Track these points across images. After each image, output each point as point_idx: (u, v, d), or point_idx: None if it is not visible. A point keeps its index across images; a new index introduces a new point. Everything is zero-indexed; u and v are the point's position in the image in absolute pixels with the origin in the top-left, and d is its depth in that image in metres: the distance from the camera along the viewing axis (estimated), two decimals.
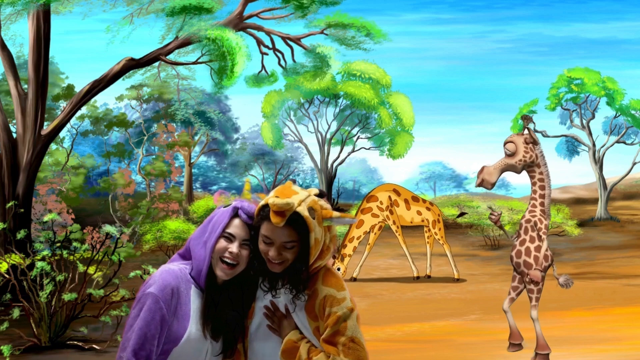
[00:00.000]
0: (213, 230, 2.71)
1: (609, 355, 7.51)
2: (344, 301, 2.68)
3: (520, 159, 6.50)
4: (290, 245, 2.64)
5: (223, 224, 2.71)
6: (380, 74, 22.22)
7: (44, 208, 17.26)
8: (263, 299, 2.79)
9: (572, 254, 16.87)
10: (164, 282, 2.62)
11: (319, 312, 2.69)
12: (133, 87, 22.87)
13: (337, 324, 2.65)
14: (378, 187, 15.15)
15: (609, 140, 23.77)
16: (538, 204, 6.60)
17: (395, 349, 8.25)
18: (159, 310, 2.58)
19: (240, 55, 13.26)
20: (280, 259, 2.65)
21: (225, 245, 2.69)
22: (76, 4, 14.35)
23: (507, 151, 6.54)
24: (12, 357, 7.37)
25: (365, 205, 14.41)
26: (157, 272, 2.69)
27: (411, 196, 14.71)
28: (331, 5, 14.57)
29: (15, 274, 8.17)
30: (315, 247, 2.66)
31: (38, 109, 12.64)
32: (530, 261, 6.53)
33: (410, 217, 14.46)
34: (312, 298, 2.71)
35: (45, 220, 8.50)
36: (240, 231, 2.72)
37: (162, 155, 21.66)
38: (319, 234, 2.67)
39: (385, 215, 14.26)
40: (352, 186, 31.46)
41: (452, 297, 12.30)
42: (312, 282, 2.72)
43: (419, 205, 14.57)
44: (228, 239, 2.70)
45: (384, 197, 14.34)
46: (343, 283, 2.74)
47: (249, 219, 2.73)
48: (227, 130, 27.02)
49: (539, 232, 6.54)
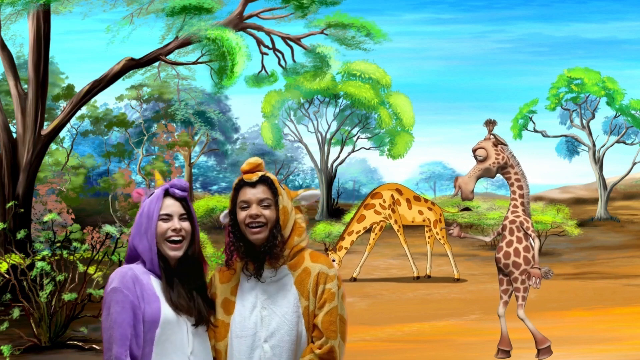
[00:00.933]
0: (149, 218, 2.76)
1: (609, 355, 7.51)
2: (335, 278, 2.79)
3: (493, 161, 6.56)
4: (266, 203, 2.76)
5: (157, 207, 2.77)
6: (380, 74, 22.22)
7: (44, 208, 17.26)
8: (245, 292, 2.80)
9: (572, 254, 16.87)
10: (121, 275, 2.68)
11: (312, 288, 2.75)
12: (133, 87, 22.86)
13: (330, 300, 2.74)
14: (383, 185, 15.20)
15: (609, 140, 23.76)
16: (519, 204, 6.61)
17: (395, 349, 8.25)
18: (126, 298, 2.63)
19: (240, 55, 13.26)
20: (259, 215, 2.73)
21: (166, 226, 2.75)
22: (76, 4, 14.35)
23: (478, 157, 6.60)
24: (12, 357, 7.37)
25: (369, 201, 14.43)
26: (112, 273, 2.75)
27: (413, 195, 14.72)
28: (331, 5, 14.57)
29: (15, 274, 8.17)
30: (284, 213, 2.77)
31: (38, 109, 12.64)
32: (520, 261, 6.53)
33: (411, 216, 14.47)
34: (303, 276, 2.77)
35: (45, 220, 8.50)
36: (175, 207, 2.80)
37: (162, 155, 21.67)
38: (287, 203, 2.79)
39: (387, 214, 14.26)
40: (352, 186, 31.44)
41: (452, 297, 12.30)
42: (299, 260, 2.80)
43: (421, 205, 14.58)
44: (165, 219, 2.77)
45: (387, 196, 14.35)
46: (329, 260, 2.86)
47: (182, 191, 2.82)
48: (227, 130, 27.02)
49: (526, 231, 6.55)
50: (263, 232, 2.74)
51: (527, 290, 6.59)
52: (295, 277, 2.77)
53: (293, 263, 2.79)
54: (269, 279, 2.78)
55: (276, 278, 2.78)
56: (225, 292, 2.84)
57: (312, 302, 2.74)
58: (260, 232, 2.74)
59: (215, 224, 18.01)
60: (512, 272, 6.57)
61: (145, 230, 2.75)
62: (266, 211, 2.75)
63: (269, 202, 2.75)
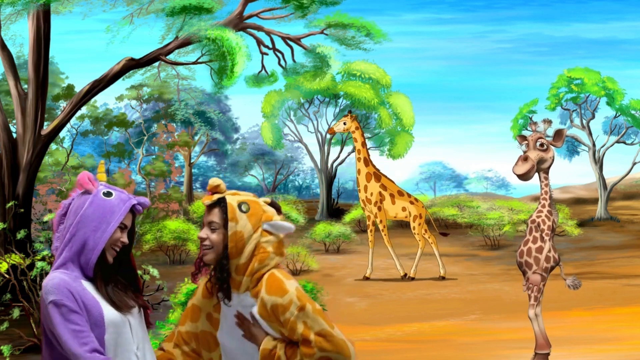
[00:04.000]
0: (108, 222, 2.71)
1: (609, 355, 7.51)
2: (292, 304, 2.67)
3: (551, 155, 6.50)
4: (213, 226, 2.71)
5: (122, 216, 2.74)
6: (380, 74, 22.21)
7: (44, 208, 17.25)
8: (226, 315, 2.80)
9: (572, 254, 16.86)
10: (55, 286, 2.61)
11: (274, 320, 2.70)
12: (133, 87, 22.86)
13: (296, 329, 2.65)
14: None
15: (609, 140, 23.76)
16: (547, 205, 6.59)
17: (395, 349, 8.25)
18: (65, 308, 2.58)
19: (240, 55, 13.26)
20: (205, 238, 2.71)
21: (119, 235, 2.75)
22: (76, 4, 14.36)
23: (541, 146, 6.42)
24: (12, 357, 7.36)
25: None
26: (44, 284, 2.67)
27: (397, 190, 14.67)
28: (331, 5, 14.58)
29: (15, 274, 8.17)
30: (234, 238, 2.68)
31: (38, 109, 12.64)
32: (531, 261, 6.51)
33: (394, 211, 14.43)
34: (261, 307, 2.71)
35: (45, 220, 8.51)
36: (130, 221, 2.83)
37: (162, 155, 21.66)
38: (243, 228, 2.70)
39: (371, 210, 14.23)
40: (352, 186, 31.45)
41: (452, 297, 12.30)
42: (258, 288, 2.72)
43: (404, 200, 14.54)
44: (122, 229, 2.77)
45: (375, 190, 14.31)
46: (284, 285, 2.70)
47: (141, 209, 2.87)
48: (227, 130, 27.01)
49: (541, 232, 6.52)
50: (210, 255, 2.72)
51: (540, 292, 6.54)
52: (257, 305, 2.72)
53: (255, 290, 2.73)
54: (236, 304, 2.75)
55: (244, 304, 2.75)
56: (208, 307, 2.85)
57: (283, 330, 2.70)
58: (206, 254, 2.73)
59: None
60: (526, 271, 6.54)
61: (96, 229, 2.68)
62: (213, 234, 2.71)
63: (216, 225, 2.71)
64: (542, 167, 6.49)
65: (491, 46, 29.76)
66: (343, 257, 14.36)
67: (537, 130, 6.58)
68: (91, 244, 2.69)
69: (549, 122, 6.65)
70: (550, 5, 29.01)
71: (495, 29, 29.58)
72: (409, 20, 29.19)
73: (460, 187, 31.64)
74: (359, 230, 18.87)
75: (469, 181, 32.00)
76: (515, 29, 29.32)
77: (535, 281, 6.42)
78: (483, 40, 29.47)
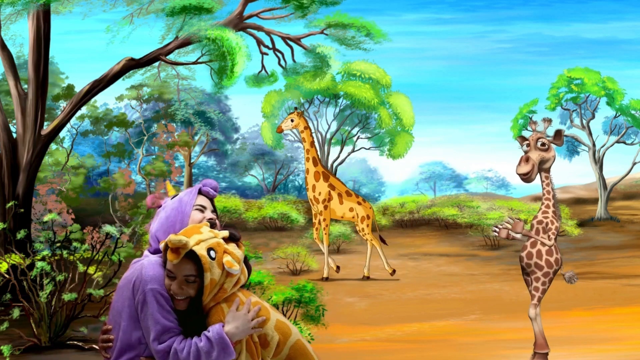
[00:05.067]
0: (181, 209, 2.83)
1: (609, 355, 7.50)
2: None
3: (553, 154, 6.50)
4: (191, 279, 2.68)
5: (192, 200, 2.84)
6: (380, 74, 22.21)
7: (44, 208, 17.25)
8: None
9: (572, 254, 16.85)
10: (158, 275, 2.70)
11: None
12: (133, 87, 22.85)
13: None
14: None
15: (609, 140, 23.75)
16: (552, 205, 6.57)
17: (395, 349, 8.25)
18: (164, 299, 2.67)
19: (240, 55, 13.26)
20: (182, 294, 2.69)
21: (201, 215, 2.82)
22: (76, 4, 14.35)
23: (542, 146, 6.43)
24: (12, 357, 7.36)
25: None
26: (144, 265, 2.72)
27: (345, 191, 14.65)
28: (331, 5, 14.57)
29: (15, 274, 8.17)
30: (210, 286, 2.69)
31: (38, 109, 12.63)
32: (542, 263, 6.48)
33: (342, 211, 14.41)
34: None
35: (45, 220, 8.50)
36: (207, 203, 2.89)
37: (162, 155, 21.65)
38: (216, 275, 2.69)
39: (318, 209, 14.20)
40: (352, 186, 31.46)
41: (452, 297, 12.30)
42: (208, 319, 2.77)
43: (352, 201, 14.52)
44: (200, 210, 2.83)
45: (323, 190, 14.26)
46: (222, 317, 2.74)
47: (214, 190, 2.93)
48: (227, 130, 27.00)
49: (549, 232, 6.49)
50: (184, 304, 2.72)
51: (545, 293, 6.54)
52: None
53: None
54: None
55: None
56: None
57: None
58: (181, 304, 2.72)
59: None
60: (534, 271, 6.50)
61: (174, 222, 2.80)
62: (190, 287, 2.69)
63: (193, 278, 2.69)
64: (544, 166, 6.49)
65: (491, 46, 29.73)
66: (343, 257, 14.36)
67: (537, 130, 6.58)
68: None
69: (548, 121, 6.65)
70: (550, 5, 29.00)
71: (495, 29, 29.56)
72: (409, 20, 29.17)
73: (460, 187, 31.61)
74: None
75: (469, 181, 31.97)
76: (515, 29, 29.30)
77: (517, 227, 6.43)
78: (483, 40, 29.46)
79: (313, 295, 6.72)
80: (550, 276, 6.51)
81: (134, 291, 2.68)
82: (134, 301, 2.68)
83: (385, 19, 23.96)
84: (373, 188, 31.87)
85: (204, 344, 2.62)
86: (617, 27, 28.33)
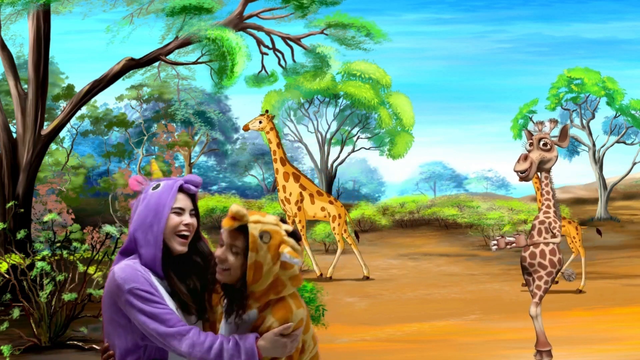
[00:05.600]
0: (158, 211, 2.68)
1: (609, 355, 7.50)
2: None
3: (555, 155, 6.48)
4: (235, 250, 2.65)
5: (170, 201, 2.70)
6: (380, 74, 22.23)
7: (44, 208, 17.26)
8: (227, 327, 2.80)
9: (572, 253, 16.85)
10: (132, 273, 2.59)
11: None
12: (133, 87, 22.87)
13: None
14: None
15: (609, 140, 23.76)
16: (552, 205, 6.56)
17: (395, 349, 8.25)
18: (145, 292, 2.56)
19: (240, 55, 13.26)
20: (224, 260, 2.65)
21: (178, 219, 2.69)
22: (76, 4, 14.35)
23: (544, 146, 6.41)
24: (12, 357, 7.36)
25: None
26: (117, 271, 2.61)
27: (316, 190, 14.61)
28: (331, 5, 14.57)
29: (15, 274, 8.17)
30: (253, 268, 2.64)
31: (38, 109, 12.64)
32: (546, 263, 6.47)
33: (313, 211, 14.38)
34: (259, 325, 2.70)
35: (45, 220, 8.50)
36: (187, 202, 2.76)
37: (162, 155, 21.66)
38: (262, 258, 2.65)
39: (291, 210, 14.16)
40: (352, 186, 31.45)
41: (452, 297, 12.30)
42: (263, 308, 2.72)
43: (323, 200, 14.48)
44: (179, 213, 2.71)
45: (294, 190, 14.20)
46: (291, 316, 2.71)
47: (196, 187, 2.80)
48: (227, 130, 27.02)
49: (552, 231, 6.48)
50: (226, 277, 2.68)
51: (546, 292, 6.53)
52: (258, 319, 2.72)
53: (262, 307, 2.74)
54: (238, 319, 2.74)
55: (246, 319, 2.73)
56: (216, 314, 2.87)
57: None
58: (221, 274, 2.68)
59: (215, 224, 18.02)
60: (538, 271, 6.49)
61: (151, 224, 2.66)
62: (232, 257, 2.66)
63: (237, 249, 2.66)
64: (545, 167, 6.48)
65: (491, 46, 29.75)
66: (343, 257, 14.36)
67: (543, 131, 6.58)
68: (150, 237, 2.66)
69: (555, 122, 6.63)
70: (550, 5, 29.01)
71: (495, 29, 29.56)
72: (409, 20, 29.18)
73: (460, 187, 31.63)
74: (359, 230, 18.87)
75: (469, 181, 31.99)
76: (515, 29, 29.31)
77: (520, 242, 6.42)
78: (483, 40, 29.46)
79: (313, 295, 6.72)
80: (553, 275, 6.50)
81: (116, 300, 2.60)
82: (119, 309, 2.60)
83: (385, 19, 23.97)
84: (373, 188, 31.88)
85: (231, 346, 2.54)
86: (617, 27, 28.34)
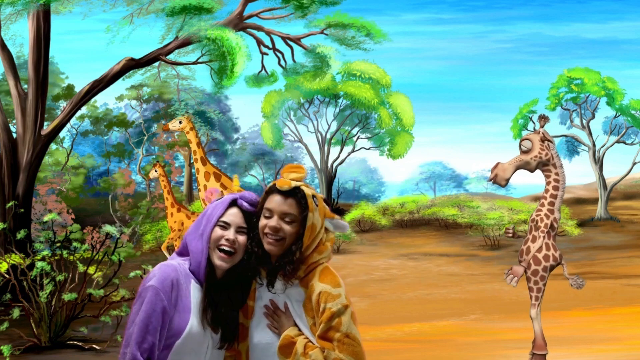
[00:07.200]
0: (208, 221, 2.75)
1: (609, 355, 7.50)
2: (339, 297, 2.70)
3: (535, 155, 6.50)
4: (289, 219, 2.68)
5: (219, 213, 2.76)
6: (380, 74, 22.21)
7: (44, 208, 17.26)
8: (263, 298, 2.79)
9: (572, 254, 16.85)
10: (164, 275, 2.63)
11: (314, 307, 2.71)
12: (133, 87, 22.86)
13: (331, 319, 2.66)
14: None
15: (609, 140, 23.75)
16: (546, 203, 6.58)
17: (395, 349, 8.25)
18: (159, 302, 2.58)
19: (240, 55, 13.26)
20: (279, 229, 2.67)
21: (221, 233, 2.72)
22: (76, 4, 14.35)
23: (523, 148, 6.51)
24: (12, 357, 7.36)
25: None
26: (157, 267, 2.69)
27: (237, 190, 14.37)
28: (331, 5, 14.57)
29: (15, 274, 8.17)
30: (310, 230, 2.69)
31: (38, 109, 12.64)
32: (530, 261, 6.50)
33: None
34: (309, 294, 2.72)
35: (45, 220, 8.51)
36: (236, 218, 2.77)
37: (162, 155, 21.66)
38: (317, 221, 2.71)
39: None
40: (352, 186, 31.45)
41: (452, 297, 12.30)
42: (309, 277, 2.74)
43: None
44: (223, 227, 2.74)
45: None
46: (339, 280, 2.76)
47: (250, 206, 2.80)
48: (227, 130, 27.01)
49: (538, 230, 6.51)
50: (278, 246, 2.69)
51: (541, 292, 6.51)
52: (305, 293, 2.74)
53: (306, 279, 2.75)
54: (280, 291, 2.75)
55: (288, 292, 2.75)
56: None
57: (317, 319, 2.71)
58: (275, 244, 2.69)
59: None
60: (529, 268, 6.50)
61: (202, 232, 2.73)
62: (287, 226, 2.68)
63: (292, 218, 2.68)
64: (528, 167, 6.54)
65: (491, 46, 29.74)
66: (343, 257, 14.37)
67: (536, 130, 6.61)
68: (199, 244, 2.72)
69: (544, 119, 6.67)
70: (550, 5, 29.00)
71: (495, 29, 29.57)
72: (409, 20, 29.17)
73: (460, 187, 31.62)
74: (359, 230, 18.87)
75: (469, 181, 31.97)
76: (515, 29, 29.31)
77: (517, 272, 6.39)
78: (483, 40, 29.46)
79: None
80: (541, 273, 6.48)
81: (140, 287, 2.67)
82: None
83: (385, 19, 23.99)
84: (373, 188, 31.88)
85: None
86: (617, 27, 28.34)
